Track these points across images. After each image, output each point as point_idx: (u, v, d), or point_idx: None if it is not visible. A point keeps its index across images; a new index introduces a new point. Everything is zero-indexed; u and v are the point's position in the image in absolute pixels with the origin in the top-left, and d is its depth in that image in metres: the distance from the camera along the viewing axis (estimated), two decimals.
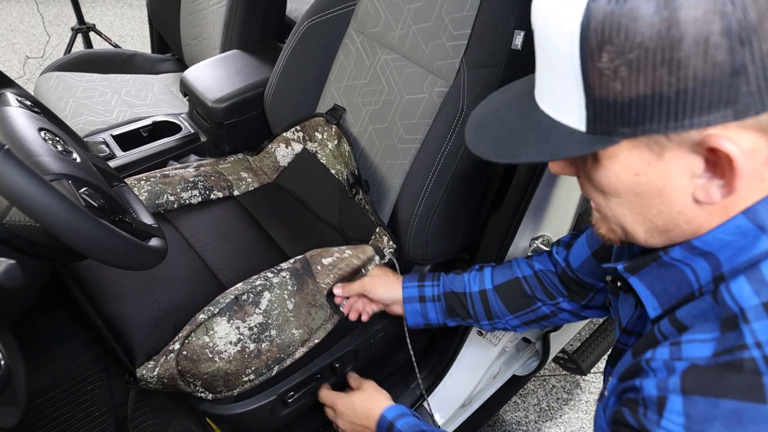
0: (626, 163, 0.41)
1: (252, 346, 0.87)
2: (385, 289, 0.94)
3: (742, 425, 0.38)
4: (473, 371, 1.22)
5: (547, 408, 1.61)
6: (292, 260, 0.97)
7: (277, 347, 0.89)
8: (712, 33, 0.34)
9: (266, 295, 0.90)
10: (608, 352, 1.57)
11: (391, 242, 1.07)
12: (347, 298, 0.96)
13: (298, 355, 0.91)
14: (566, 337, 1.45)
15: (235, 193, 1.20)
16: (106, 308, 0.91)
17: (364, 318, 0.98)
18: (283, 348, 0.89)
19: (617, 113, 0.39)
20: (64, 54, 2.32)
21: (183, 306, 0.93)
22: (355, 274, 0.98)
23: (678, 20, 0.34)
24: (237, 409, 0.91)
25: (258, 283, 0.92)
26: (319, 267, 0.96)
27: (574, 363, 1.42)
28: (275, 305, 0.90)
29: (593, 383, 1.67)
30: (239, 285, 0.92)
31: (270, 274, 0.94)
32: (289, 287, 0.92)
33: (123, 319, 0.89)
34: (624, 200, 0.45)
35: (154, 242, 0.70)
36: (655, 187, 0.42)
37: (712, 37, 0.34)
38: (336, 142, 1.16)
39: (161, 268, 0.97)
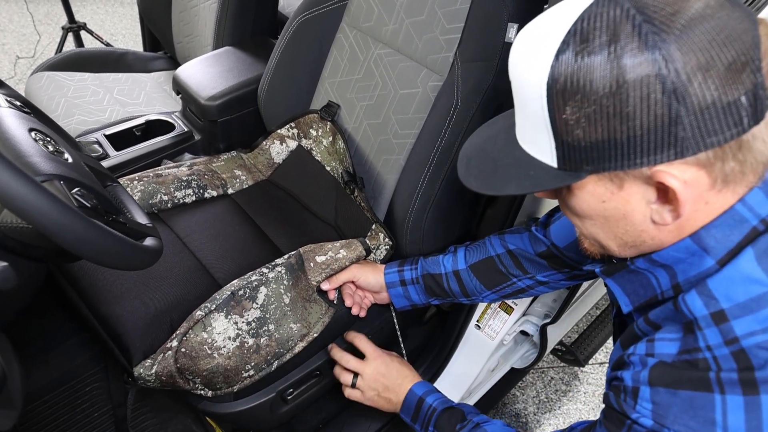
0: (593, 193, 0.49)
1: (251, 341, 0.87)
2: (373, 275, 0.98)
3: (694, 409, 0.48)
4: (471, 365, 1.22)
5: (545, 400, 1.62)
6: (286, 255, 0.97)
7: (276, 342, 0.89)
8: (653, 92, 0.41)
9: (263, 289, 0.90)
10: (605, 343, 1.57)
11: (387, 239, 1.06)
12: (338, 290, 0.98)
13: (297, 349, 0.91)
14: (564, 329, 1.45)
15: (230, 191, 1.19)
16: (102, 309, 0.90)
17: (362, 314, 0.98)
18: (282, 343, 0.89)
19: (581, 154, 0.46)
20: (55, 53, 2.30)
21: (179, 305, 0.92)
22: None
23: (625, 82, 0.42)
24: (236, 407, 0.91)
25: (254, 278, 0.91)
26: (311, 264, 0.96)
27: (572, 355, 1.42)
28: (272, 299, 0.90)
29: (591, 374, 1.68)
30: (235, 281, 0.92)
31: (265, 269, 0.93)
32: (285, 282, 0.92)
33: (118, 319, 0.89)
34: (595, 222, 0.53)
35: (148, 242, 0.70)
36: (619, 211, 0.50)
37: (653, 95, 0.42)
38: (331, 138, 1.15)
39: (156, 268, 0.97)
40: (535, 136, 0.49)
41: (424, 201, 0.98)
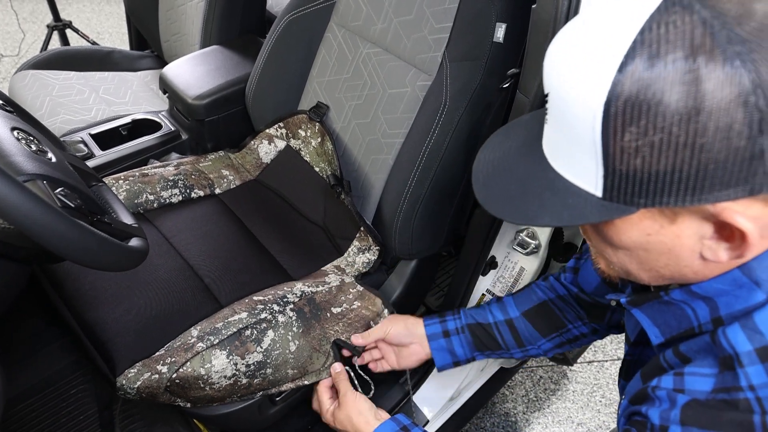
0: (639, 226, 0.43)
1: (244, 381, 0.86)
2: (405, 329, 0.90)
3: None
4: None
5: (534, 399, 1.62)
6: (298, 292, 0.94)
7: (269, 383, 0.88)
8: (735, 122, 0.35)
9: (270, 333, 0.88)
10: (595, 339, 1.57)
11: (375, 246, 1.06)
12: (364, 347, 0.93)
13: (284, 388, 0.90)
14: None
15: (217, 191, 1.18)
16: (86, 315, 0.88)
17: (376, 368, 0.93)
18: (273, 383, 0.89)
19: (636, 186, 0.40)
20: (40, 52, 2.28)
21: (165, 310, 0.91)
22: (364, 326, 0.96)
23: (703, 109, 0.35)
24: (224, 409, 0.90)
25: (263, 316, 0.89)
26: (328, 314, 0.95)
27: (561, 354, 1.43)
28: (277, 345, 0.88)
29: (580, 373, 1.68)
30: (243, 315, 0.88)
31: (276, 306, 0.91)
32: (294, 329, 0.90)
33: (104, 326, 0.87)
34: (632, 253, 0.46)
35: (134, 242, 0.69)
36: (665, 245, 0.44)
37: (735, 125, 0.35)
38: (319, 140, 1.15)
39: (142, 270, 0.96)
40: (576, 159, 0.42)
41: (413, 201, 0.98)
